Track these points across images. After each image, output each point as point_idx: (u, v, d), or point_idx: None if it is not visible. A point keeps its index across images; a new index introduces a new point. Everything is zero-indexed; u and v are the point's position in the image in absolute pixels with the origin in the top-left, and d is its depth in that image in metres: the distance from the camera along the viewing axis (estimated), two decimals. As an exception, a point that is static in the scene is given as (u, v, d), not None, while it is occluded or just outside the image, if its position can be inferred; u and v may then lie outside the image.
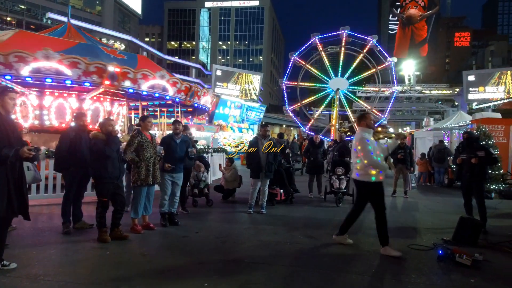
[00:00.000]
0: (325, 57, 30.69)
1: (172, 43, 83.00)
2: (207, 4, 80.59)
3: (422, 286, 3.71)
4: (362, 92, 35.11)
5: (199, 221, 6.36)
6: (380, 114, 29.91)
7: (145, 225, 5.55)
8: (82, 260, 4.20)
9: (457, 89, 33.81)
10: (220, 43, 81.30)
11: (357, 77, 32.33)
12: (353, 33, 29.92)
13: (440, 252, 4.47)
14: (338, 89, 30.76)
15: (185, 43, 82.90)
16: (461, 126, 13.56)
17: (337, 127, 31.58)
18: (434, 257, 4.52)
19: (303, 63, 30.83)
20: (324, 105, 33.09)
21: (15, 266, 3.80)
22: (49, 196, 7.44)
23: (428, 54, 62.96)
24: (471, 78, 26.74)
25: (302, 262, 4.32)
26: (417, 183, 13.01)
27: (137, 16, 67.34)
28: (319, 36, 30.06)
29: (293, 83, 31.56)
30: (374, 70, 30.98)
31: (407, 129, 38.53)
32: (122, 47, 44.95)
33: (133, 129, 6.09)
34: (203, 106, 12.91)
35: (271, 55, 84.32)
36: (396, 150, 9.44)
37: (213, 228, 5.94)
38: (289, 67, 31.01)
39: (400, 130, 33.58)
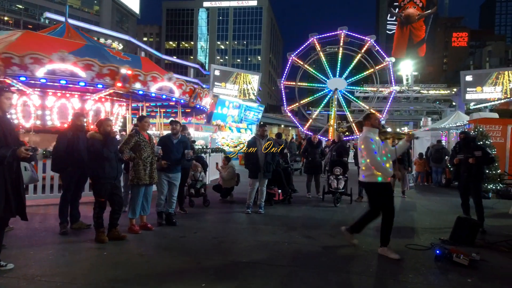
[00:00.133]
0: (323, 57, 30.74)
1: (170, 43, 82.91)
2: (205, 4, 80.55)
3: (420, 286, 3.72)
4: (360, 92, 35.19)
5: (197, 221, 6.35)
6: (378, 114, 29.98)
7: (143, 225, 5.55)
8: (80, 261, 4.19)
9: (455, 89, 33.94)
10: (218, 43, 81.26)
11: (355, 77, 32.41)
12: (351, 33, 29.99)
13: (438, 252, 4.49)
14: (336, 89, 30.83)
15: (183, 43, 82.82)
16: (459, 126, 13.61)
17: (335, 127, 31.65)
18: (432, 257, 4.53)
19: (301, 63, 30.87)
20: (322, 105, 33.16)
21: (12, 267, 3.79)
22: (47, 197, 7.41)
23: (426, 54, 63.15)
24: (469, 78, 26.85)
25: (300, 262, 4.32)
26: (415, 183, 13.07)
27: (135, 16, 67.21)
28: (317, 36, 30.11)
29: (291, 83, 31.60)
30: (372, 70, 31.05)
31: (405, 129, 38.65)
32: (120, 47, 44.90)
33: (131, 129, 6.10)
34: (203, 107, 13.05)
35: (269, 55, 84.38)
36: None
37: (211, 228, 5.94)
38: (287, 67, 31.05)
39: (398, 130, 33.63)
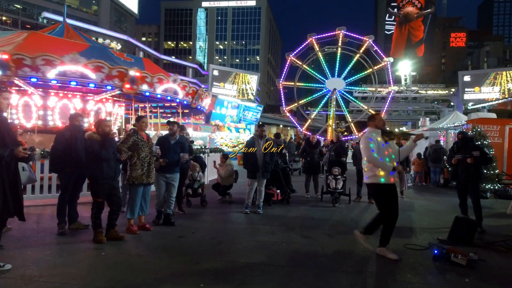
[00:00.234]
0: (322, 57, 30.76)
1: (169, 43, 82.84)
2: (204, 4, 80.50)
3: (418, 286, 3.72)
4: (359, 92, 35.23)
5: (196, 222, 6.35)
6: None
7: (141, 226, 5.54)
8: (78, 261, 4.18)
9: (453, 90, 34.00)
10: (217, 43, 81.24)
11: (354, 77, 32.45)
12: (349, 34, 30.02)
13: (436, 252, 4.49)
14: (335, 89, 30.86)
15: (182, 43, 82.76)
16: (457, 126, 13.65)
17: (334, 127, 31.67)
18: (430, 257, 4.54)
19: (300, 63, 30.88)
20: (321, 106, 33.18)
21: (10, 267, 3.78)
22: (45, 197, 7.40)
23: (424, 55, 63.33)
24: (467, 79, 26.92)
25: (299, 262, 4.32)
26: (413, 183, 13.07)
27: (134, 16, 67.18)
28: (316, 37, 30.13)
29: (290, 83, 31.61)
30: (371, 70, 31.10)
31: (403, 129, 38.68)
32: (119, 47, 44.82)
33: (129, 129, 6.11)
34: (203, 108, 13.17)
35: (268, 55, 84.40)
36: None
37: (210, 229, 5.93)
38: (286, 68, 31.06)
39: (396, 130, 33.66)
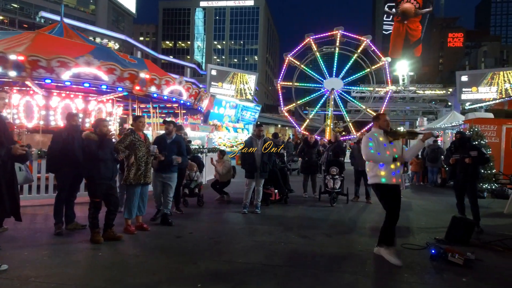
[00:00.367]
0: (320, 57, 30.78)
1: (167, 43, 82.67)
2: (202, 4, 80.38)
3: (415, 285, 3.73)
4: (357, 92, 35.27)
5: (193, 221, 6.34)
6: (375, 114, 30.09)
7: (139, 226, 5.53)
8: (75, 262, 4.16)
9: (450, 89, 34.08)
10: (215, 43, 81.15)
11: (352, 77, 32.47)
12: (347, 33, 30.05)
13: (433, 251, 4.51)
14: (333, 89, 30.88)
15: (180, 43, 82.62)
16: (454, 126, 13.69)
17: (332, 127, 31.70)
18: (427, 256, 4.55)
19: (298, 64, 30.89)
20: (319, 105, 33.19)
21: (6, 268, 3.76)
22: (41, 197, 7.36)
23: (422, 55, 63.51)
24: (464, 79, 26.98)
25: (297, 262, 4.32)
26: (411, 183, 13.11)
27: (131, 15, 66.94)
28: (313, 37, 30.14)
29: (288, 84, 31.61)
30: (369, 70, 31.14)
31: (401, 129, 38.68)
32: (116, 47, 44.73)
33: (127, 129, 6.12)
34: (201, 108, 13.31)
35: (266, 55, 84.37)
36: None
37: (207, 228, 5.92)
38: (284, 68, 31.06)
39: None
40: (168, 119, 6.64)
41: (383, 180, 4.43)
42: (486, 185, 10.08)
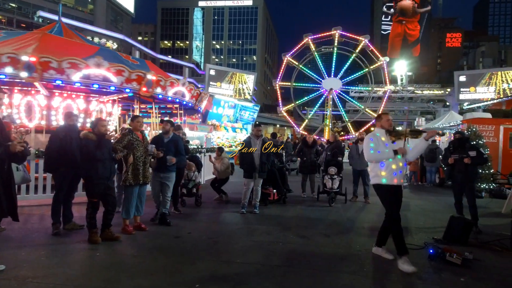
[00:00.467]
0: (318, 58, 30.78)
1: (166, 42, 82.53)
2: (201, 3, 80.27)
3: (413, 285, 3.73)
4: (355, 92, 35.31)
5: (192, 221, 6.33)
6: (374, 114, 30.13)
7: (137, 226, 5.51)
8: (72, 262, 4.15)
9: (449, 89, 34.22)
10: (214, 43, 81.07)
11: (350, 77, 32.49)
12: (345, 33, 30.06)
13: (431, 251, 4.51)
14: (332, 89, 30.90)
15: (179, 42, 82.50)
16: (452, 126, 13.72)
17: (331, 127, 31.72)
18: (425, 256, 4.56)
19: (296, 64, 30.89)
20: (318, 105, 33.20)
21: (3, 268, 3.74)
22: (39, 197, 7.35)
23: (420, 55, 63.63)
24: (462, 79, 27.06)
25: (295, 262, 4.32)
26: (409, 183, 13.14)
27: (130, 15, 66.80)
28: (312, 37, 30.15)
29: (287, 84, 31.61)
30: (367, 70, 31.17)
31: (400, 129, 38.73)
32: (115, 46, 44.63)
33: (125, 129, 6.11)
34: (200, 108, 13.38)
35: (265, 55, 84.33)
36: None
37: (206, 228, 5.91)
38: (282, 68, 31.05)
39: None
40: (166, 119, 6.63)
41: (384, 181, 4.33)
42: (484, 185, 10.11)
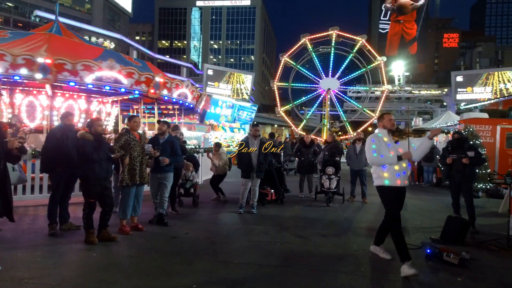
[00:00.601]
0: (316, 58, 30.80)
1: (163, 42, 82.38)
2: (199, 3, 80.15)
3: (410, 285, 3.73)
4: (353, 92, 35.34)
5: (189, 222, 6.31)
6: (372, 114, 30.18)
7: (134, 226, 5.49)
8: (69, 262, 4.13)
9: (446, 90, 34.27)
10: (212, 43, 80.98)
11: (348, 77, 32.53)
12: (342, 33, 30.09)
13: (428, 251, 4.52)
14: (329, 89, 30.92)
15: (176, 42, 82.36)
16: (449, 126, 13.75)
17: (328, 127, 31.74)
18: (422, 256, 4.57)
19: (294, 64, 30.89)
20: (316, 106, 33.22)
21: (0, 269, 3.72)
22: (35, 197, 7.30)
23: (417, 55, 63.81)
24: (459, 79, 27.17)
25: (293, 262, 4.31)
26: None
27: (127, 15, 66.60)
28: (309, 37, 30.16)
29: (284, 84, 31.60)
30: (365, 70, 31.22)
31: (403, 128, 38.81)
32: (112, 46, 44.51)
33: (122, 129, 6.09)
34: (197, 108, 13.35)
35: (263, 55, 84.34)
36: None
37: (203, 229, 5.90)
38: (280, 68, 31.05)
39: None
40: (162, 119, 6.62)
41: (387, 182, 4.22)
42: (481, 185, 10.14)
